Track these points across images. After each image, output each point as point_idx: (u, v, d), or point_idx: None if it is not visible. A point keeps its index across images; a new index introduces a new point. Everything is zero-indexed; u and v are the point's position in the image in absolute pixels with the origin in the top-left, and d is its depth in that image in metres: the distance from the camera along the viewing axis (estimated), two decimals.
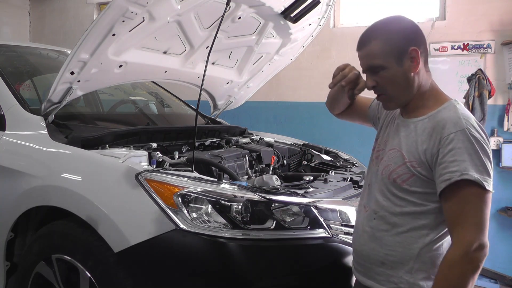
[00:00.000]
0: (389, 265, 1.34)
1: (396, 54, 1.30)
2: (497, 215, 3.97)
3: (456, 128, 1.23)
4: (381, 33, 1.32)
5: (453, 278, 1.19)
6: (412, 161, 1.29)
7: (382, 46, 1.30)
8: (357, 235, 1.47)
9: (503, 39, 3.89)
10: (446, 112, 1.28)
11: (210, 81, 2.89)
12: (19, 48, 3.00)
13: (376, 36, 1.32)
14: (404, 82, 1.32)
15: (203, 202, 1.66)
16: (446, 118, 1.26)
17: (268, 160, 2.51)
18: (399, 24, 1.34)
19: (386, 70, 1.31)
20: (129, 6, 1.85)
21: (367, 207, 1.43)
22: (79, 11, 5.88)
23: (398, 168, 1.32)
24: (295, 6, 2.46)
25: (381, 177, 1.38)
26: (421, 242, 1.30)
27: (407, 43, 1.30)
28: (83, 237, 1.75)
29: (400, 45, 1.30)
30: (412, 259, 1.30)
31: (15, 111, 2.18)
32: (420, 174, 1.28)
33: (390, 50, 1.30)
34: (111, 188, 1.76)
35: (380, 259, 1.35)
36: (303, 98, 4.51)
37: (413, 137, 1.32)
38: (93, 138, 2.01)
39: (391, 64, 1.30)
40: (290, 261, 1.68)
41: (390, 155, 1.37)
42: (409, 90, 1.33)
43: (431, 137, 1.27)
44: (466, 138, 1.21)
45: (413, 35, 1.33)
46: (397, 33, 1.31)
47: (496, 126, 3.97)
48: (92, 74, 2.10)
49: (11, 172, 2.02)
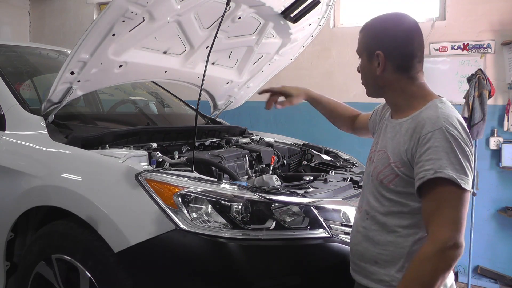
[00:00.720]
0: (382, 264, 1.36)
1: (367, 51, 1.42)
2: (497, 215, 3.96)
3: (434, 127, 1.25)
4: (366, 28, 1.46)
5: (423, 273, 1.19)
6: (396, 162, 1.33)
7: (362, 39, 1.46)
8: (352, 235, 1.51)
9: (503, 39, 3.89)
10: (427, 112, 1.31)
11: (210, 81, 2.89)
12: (19, 48, 3.00)
13: (363, 29, 1.47)
14: (369, 76, 1.45)
15: (203, 202, 1.66)
16: (425, 118, 1.29)
17: (268, 160, 2.51)
18: (383, 24, 1.43)
19: (362, 60, 1.47)
20: (129, 6, 1.85)
21: (361, 208, 1.48)
22: (79, 11, 5.89)
23: (384, 169, 1.36)
24: (295, 6, 2.46)
25: (371, 179, 1.43)
26: (410, 241, 1.32)
27: (376, 45, 1.39)
28: (83, 237, 1.75)
29: (371, 44, 1.41)
30: (403, 258, 1.32)
31: (15, 111, 2.18)
32: (404, 174, 1.31)
33: (365, 46, 1.44)
34: (111, 188, 1.76)
35: (374, 258, 1.38)
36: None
37: (397, 138, 1.36)
38: (93, 138, 2.01)
39: (363, 57, 1.45)
40: (290, 261, 1.68)
41: (379, 156, 1.42)
42: (374, 84, 1.45)
43: (411, 137, 1.30)
44: (443, 136, 1.23)
45: (386, 40, 1.39)
46: (373, 32, 1.43)
47: (496, 126, 3.97)
48: (92, 74, 2.10)
49: (11, 172, 2.02)
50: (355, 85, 4.91)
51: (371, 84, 1.46)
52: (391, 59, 1.37)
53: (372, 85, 1.46)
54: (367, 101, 1.93)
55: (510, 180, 3.94)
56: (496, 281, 3.95)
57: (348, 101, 3.99)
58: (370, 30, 1.44)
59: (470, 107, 3.68)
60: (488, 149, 3.95)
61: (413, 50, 1.38)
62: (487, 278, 3.96)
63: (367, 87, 1.49)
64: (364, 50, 1.44)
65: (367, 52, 1.42)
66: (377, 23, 1.44)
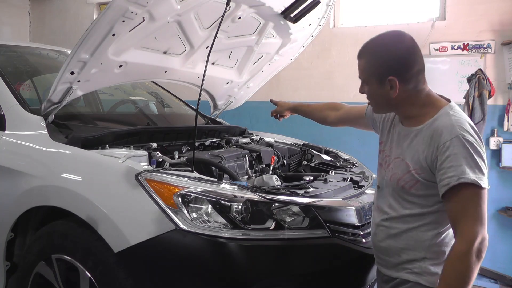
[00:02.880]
0: (404, 257, 1.49)
1: (377, 77, 1.44)
2: (497, 215, 3.96)
3: (451, 135, 1.35)
4: (369, 54, 1.47)
5: (462, 268, 1.31)
6: (416, 168, 1.43)
7: (367, 66, 1.47)
8: (373, 232, 1.62)
9: (503, 39, 3.89)
10: (442, 120, 1.40)
11: (210, 81, 2.89)
12: (19, 48, 2.99)
13: (365, 55, 1.48)
14: (383, 100, 1.48)
15: (203, 202, 1.66)
16: (441, 127, 1.39)
17: (268, 160, 2.51)
18: (388, 48, 1.45)
19: (369, 85, 1.48)
20: (129, 6, 1.85)
21: (380, 208, 1.58)
22: (79, 11, 5.89)
23: (404, 176, 1.47)
24: (295, 6, 2.46)
25: (390, 183, 1.53)
26: (430, 235, 1.45)
27: (387, 71, 1.42)
28: (83, 237, 1.75)
29: (381, 71, 1.43)
30: (424, 250, 1.46)
31: (15, 111, 2.18)
32: (424, 179, 1.42)
33: (372, 72, 1.45)
34: (111, 188, 1.76)
35: (397, 252, 1.51)
36: (303, 98, 4.50)
37: (415, 146, 1.45)
38: (93, 138, 2.01)
39: (372, 83, 1.47)
40: (290, 261, 1.68)
41: (396, 163, 1.51)
42: (389, 105, 1.49)
43: (429, 145, 1.40)
44: (460, 143, 1.34)
45: (396, 65, 1.42)
46: (381, 58, 1.44)
47: (496, 126, 3.97)
48: (92, 74, 2.10)
49: (11, 172, 2.02)
50: (355, 85, 4.89)
51: (383, 105, 1.52)
52: (404, 81, 1.43)
53: (384, 106, 1.52)
54: (366, 101, 1.94)
55: (510, 180, 3.94)
56: (496, 281, 3.95)
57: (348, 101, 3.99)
58: (375, 56, 1.46)
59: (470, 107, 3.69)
60: (488, 149, 3.95)
61: (419, 66, 1.45)
62: (487, 278, 3.96)
63: (377, 107, 1.56)
64: (371, 76, 1.46)
65: (376, 78, 1.45)
66: (380, 48, 1.46)
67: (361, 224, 1.89)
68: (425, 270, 1.45)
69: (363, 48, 1.50)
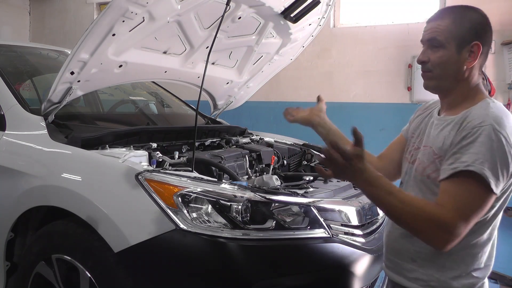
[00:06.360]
0: (419, 262, 1.32)
1: (459, 40, 1.28)
2: None
3: (482, 124, 1.20)
4: (456, 14, 1.30)
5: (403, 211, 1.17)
6: (441, 156, 1.27)
7: (451, 26, 1.28)
8: (387, 231, 1.46)
9: (503, 39, 3.89)
10: (477, 109, 1.25)
11: (210, 81, 2.89)
12: (19, 48, 3.00)
13: (450, 15, 1.31)
14: (454, 69, 1.30)
15: (203, 202, 1.66)
16: (474, 115, 1.24)
17: (268, 160, 2.51)
18: (477, 15, 1.31)
19: (444, 50, 1.29)
20: (129, 6, 1.85)
21: None
22: (79, 11, 5.89)
23: (431, 165, 1.31)
24: (295, 6, 2.46)
25: (415, 175, 1.37)
26: None
27: (473, 36, 1.27)
28: (83, 237, 1.75)
29: (466, 33, 1.28)
30: (444, 257, 1.26)
31: (15, 111, 2.18)
32: None
33: (456, 34, 1.28)
34: (111, 188, 1.76)
35: (411, 255, 1.34)
36: (303, 98, 4.51)
37: (444, 133, 1.30)
38: (93, 138, 2.01)
39: (450, 47, 1.29)
40: (290, 261, 1.68)
41: (424, 151, 1.36)
42: (455, 78, 1.31)
43: (457, 132, 1.24)
44: (487, 134, 1.17)
45: (482, 31, 1.30)
46: (469, 21, 1.29)
47: None
48: (92, 74, 2.11)
49: (11, 172, 2.02)
50: (355, 85, 4.92)
51: (450, 77, 1.32)
52: (483, 53, 1.29)
53: (451, 78, 1.32)
54: (366, 101, 1.94)
55: None
56: (496, 281, 3.94)
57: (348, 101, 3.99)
58: (462, 17, 1.29)
59: None
60: None
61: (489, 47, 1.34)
62: (487, 278, 3.96)
63: (440, 80, 1.33)
64: (452, 39, 1.28)
65: (457, 41, 1.28)
66: (470, 12, 1.31)
67: (361, 224, 1.90)
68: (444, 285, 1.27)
69: (445, 9, 1.34)
